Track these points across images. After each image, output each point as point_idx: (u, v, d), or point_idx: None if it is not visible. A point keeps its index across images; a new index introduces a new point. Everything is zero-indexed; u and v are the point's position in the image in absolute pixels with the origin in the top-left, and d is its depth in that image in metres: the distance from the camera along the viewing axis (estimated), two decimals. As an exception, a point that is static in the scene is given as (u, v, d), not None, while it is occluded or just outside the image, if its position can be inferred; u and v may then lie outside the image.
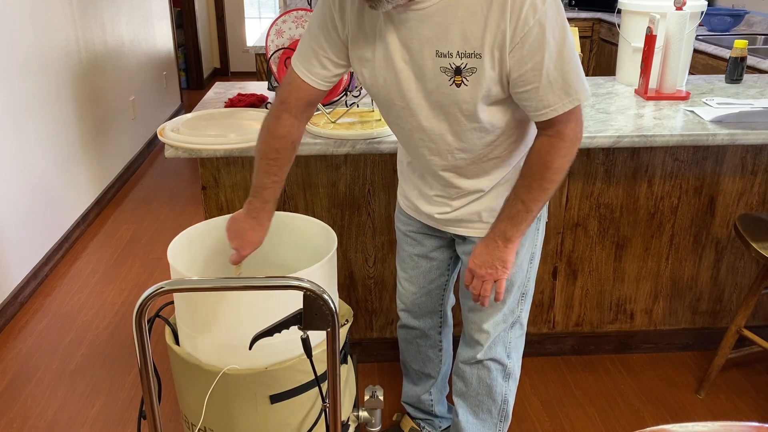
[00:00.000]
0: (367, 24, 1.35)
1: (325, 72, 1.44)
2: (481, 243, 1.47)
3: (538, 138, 1.36)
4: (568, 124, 1.32)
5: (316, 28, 1.42)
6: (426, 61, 1.31)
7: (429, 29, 1.28)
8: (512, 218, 1.41)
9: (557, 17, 1.25)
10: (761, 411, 2.21)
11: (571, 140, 1.33)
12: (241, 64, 7.91)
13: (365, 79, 1.42)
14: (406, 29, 1.30)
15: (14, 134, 2.92)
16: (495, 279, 1.47)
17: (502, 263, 1.44)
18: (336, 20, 1.38)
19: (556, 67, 1.26)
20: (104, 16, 4.15)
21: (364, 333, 2.39)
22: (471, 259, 1.48)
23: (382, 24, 1.33)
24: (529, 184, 1.37)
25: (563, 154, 1.33)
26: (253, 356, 1.46)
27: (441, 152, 1.45)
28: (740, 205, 2.26)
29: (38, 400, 2.30)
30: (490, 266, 1.45)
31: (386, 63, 1.36)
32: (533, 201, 1.38)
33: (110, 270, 3.20)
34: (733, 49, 2.50)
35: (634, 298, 2.38)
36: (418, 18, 1.27)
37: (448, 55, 1.28)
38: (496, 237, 1.43)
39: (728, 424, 0.98)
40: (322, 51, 1.42)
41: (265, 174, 1.50)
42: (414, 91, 1.36)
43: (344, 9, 1.37)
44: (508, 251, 1.43)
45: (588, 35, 4.90)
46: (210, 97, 2.38)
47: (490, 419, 1.76)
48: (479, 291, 1.49)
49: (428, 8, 1.26)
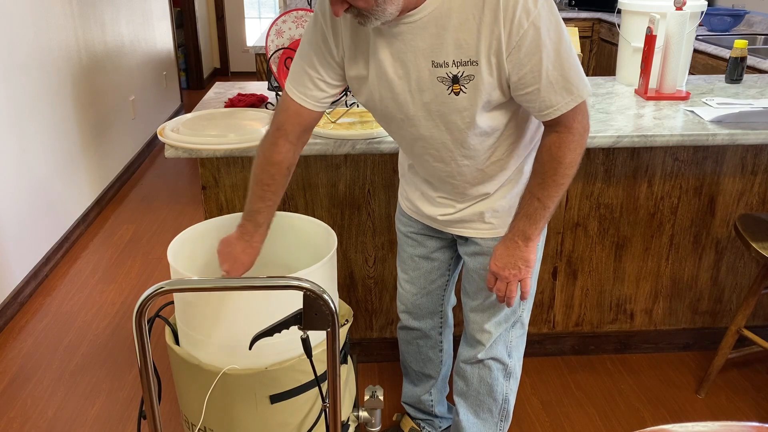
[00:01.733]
0: (362, 41, 1.35)
1: (320, 94, 1.43)
2: (500, 245, 1.46)
3: (546, 135, 1.36)
4: (575, 118, 1.32)
5: (308, 50, 1.41)
6: (422, 73, 1.31)
7: (423, 40, 1.27)
8: (530, 216, 1.40)
9: (551, 17, 1.24)
10: (761, 411, 2.21)
11: (579, 133, 1.33)
12: (241, 64, 7.91)
13: (361, 97, 1.42)
14: (400, 42, 1.29)
15: (14, 134, 2.92)
16: (519, 279, 1.47)
17: (524, 262, 1.44)
18: (330, 41, 1.38)
19: (555, 67, 1.26)
20: (104, 16, 4.15)
21: (364, 333, 2.39)
22: (492, 261, 1.47)
23: (373, 39, 1.32)
24: (543, 181, 1.37)
25: (573, 147, 1.33)
26: (253, 356, 1.46)
27: (444, 159, 1.45)
28: (740, 205, 2.26)
29: (38, 400, 2.30)
30: (513, 267, 1.45)
31: (380, 79, 1.35)
32: (549, 197, 1.38)
33: (110, 270, 3.20)
34: (733, 49, 2.50)
35: (634, 298, 2.38)
36: (411, 30, 1.27)
37: (444, 64, 1.28)
38: (516, 237, 1.43)
39: (728, 424, 0.98)
40: (316, 73, 1.41)
41: (259, 199, 1.49)
42: (411, 104, 1.36)
43: (337, 29, 1.36)
44: (529, 250, 1.43)
45: (588, 35, 4.90)
46: (210, 97, 2.38)
47: (490, 419, 1.76)
48: (504, 293, 1.49)
49: (420, 19, 1.26)
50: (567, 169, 1.35)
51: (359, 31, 1.34)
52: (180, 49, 6.90)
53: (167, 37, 5.69)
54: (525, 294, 1.50)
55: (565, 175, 1.35)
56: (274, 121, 1.47)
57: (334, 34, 1.37)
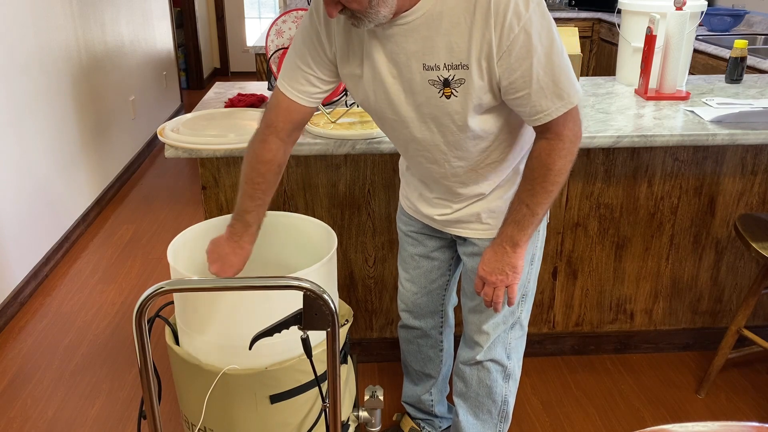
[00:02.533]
0: (355, 40, 1.35)
1: (313, 89, 1.43)
2: (489, 250, 1.46)
3: (537, 141, 1.36)
4: (565, 125, 1.31)
5: (301, 47, 1.41)
6: (414, 75, 1.31)
7: (414, 43, 1.27)
8: (518, 223, 1.40)
9: (543, 21, 1.23)
10: (761, 411, 2.21)
11: (570, 140, 1.32)
12: (241, 64, 7.91)
13: (356, 95, 1.43)
14: (392, 44, 1.30)
15: (14, 134, 2.92)
16: (506, 285, 1.46)
17: (512, 268, 1.44)
18: (323, 38, 1.38)
19: (546, 72, 1.25)
20: (104, 16, 4.15)
21: (364, 333, 2.39)
22: (480, 266, 1.47)
23: (368, 40, 1.32)
24: (532, 188, 1.37)
25: (564, 155, 1.33)
26: (253, 356, 1.46)
27: (438, 161, 1.45)
28: (740, 205, 2.26)
29: (38, 400, 2.30)
30: (500, 272, 1.44)
31: (374, 79, 1.35)
32: (538, 204, 1.37)
33: (110, 270, 3.20)
34: (733, 49, 2.50)
35: (634, 298, 2.38)
36: (402, 33, 1.27)
37: (436, 67, 1.28)
38: (504, 243, 1.43)
39: (728, 424, 0.98)
40: (309, 69, 1.41)
41: (248, 198, 1.48)
42: (405, 105, 1.36)
43: (330, 27, 1.36)
44: (517, 256, 1.43)
45: (588, 35, 4.90)
46: (210, 97, 2.38)
47: (490, 420, 1.76)
48: (491, 297, 1.48)
49: (412, 22, 1.25)
50: (556, 176, 1.34)
51: (354, 30, 1.34)
52: (180, 49, 6.90)
53: (167, 37, 5.69)
54: (511, 300, 1.49)
55: (555, 182, 1.35)
56: (264, 118, 1.47)
57: (327, 32, 1.37)
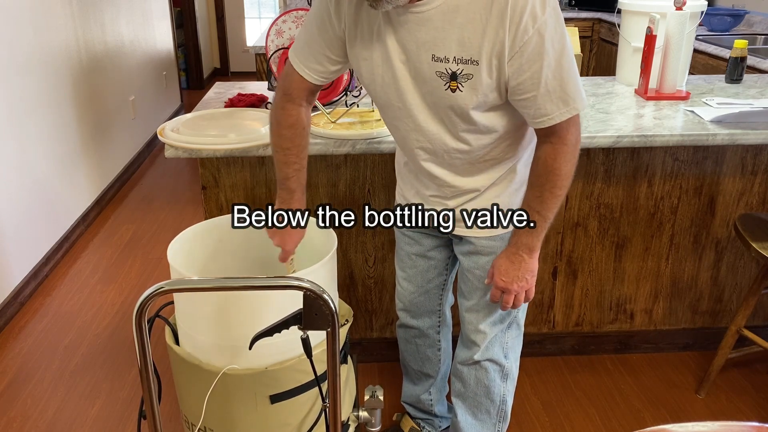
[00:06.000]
0: (365, 22, 1.35)
1: (322, 68, 1.44)
2: (503, 260, 1.49)
3: (540, 146, 1.37)
4: (569, 130, 1.33)
5: (313, 25, 1.42)
6: (422, 65, 1.31)
7: (426, 33, 1.28)
8: (531, 230, 1.43)
9: (557, 26, 1.24)
10: (761, 411, 2.21)
11: (573, 145, 1.35)
12: (241, 64, 7.91)
13: (364, 77, 1.43)
14: (405, 31, 1.30)
15: (14, 134, 2.92)
16: (527, 289, 1.51)
17: (531, 274, 1.49)
18: (332, 16, 1.38)
19: (554, 76, 1.26)
20: (104, 16, 4.15)
21: (364, 333, 2.39)
22: (498, 277, 1.50)
23: (381, 24, 1.32)
24: (541, 194, 1.39)
25: (569, 158, 1.36)
26: (253, 356, 1.46)
27: (437, 152, 1.45)
28: (740, 205, 2.26)
29: (38, 400, 2.30)
30: (520, 280, 1.49)
31: (384, 63, 1.36)
32: (548, 209, 1.41)
33: (110, 270, 3.20)
34: (733, 49, 2.50)
35: (634, 298, 2.38)
36: (416, 21, 1.27)
37: (445, 60, 1.28)
38: (520, 251, 1.46)
39: (728, 424, 0.98)
40: (319, 48, 1.42)
41: (284, 164, 1.51)
42: (411, 93, 1.36)
43: (341, 6, 1.36)
44: (533, 261, 1.48)
45: (588, 35, 4.90)
46: (210, 97, 2.38)
47: (488, 419, 1.76)
48: (511, 304, 1.53)
49: (427, 12, 1.26)
50: (564, 181, 1.37)
51: (365, 11, 1.34)
52: (180, 49, 6.90)
53: (167, 37, 5.69)
54: (528, 299, 1.55)
55: (562, 186, 1.38)
56: (279, 86, 1.49)
57: (337, 11, 1.37)
